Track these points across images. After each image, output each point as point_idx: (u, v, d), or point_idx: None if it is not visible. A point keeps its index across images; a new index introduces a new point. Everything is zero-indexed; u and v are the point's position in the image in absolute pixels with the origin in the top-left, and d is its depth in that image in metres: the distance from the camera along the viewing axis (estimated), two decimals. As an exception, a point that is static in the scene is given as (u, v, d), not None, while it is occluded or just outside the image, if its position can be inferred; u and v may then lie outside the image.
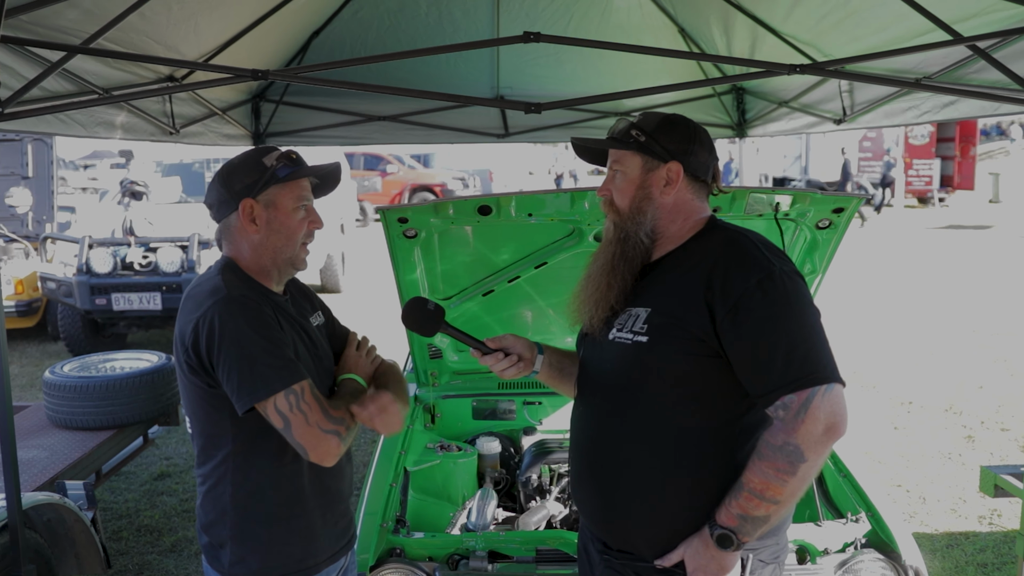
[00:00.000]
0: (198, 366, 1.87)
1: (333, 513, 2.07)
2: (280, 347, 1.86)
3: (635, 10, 4.61)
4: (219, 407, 1.90)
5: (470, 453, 3.28)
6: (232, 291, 1.88)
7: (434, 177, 22.20)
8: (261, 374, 1.81)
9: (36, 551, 3.05)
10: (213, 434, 1.95)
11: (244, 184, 1.96)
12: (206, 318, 1.84)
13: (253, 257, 1.99)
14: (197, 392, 1.91)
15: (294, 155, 2.01)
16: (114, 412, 4.30)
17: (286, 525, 1.98)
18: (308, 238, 2.04)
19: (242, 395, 1.82)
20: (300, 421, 1.83)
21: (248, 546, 1.96)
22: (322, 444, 1.86)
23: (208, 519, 2.00)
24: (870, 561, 2.50)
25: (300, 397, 1.83)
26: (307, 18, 4.47)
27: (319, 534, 2.03)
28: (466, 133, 5.58)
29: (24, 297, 8.71)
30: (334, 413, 1.89)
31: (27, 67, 2.67)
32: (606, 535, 1.95)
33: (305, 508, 2.00)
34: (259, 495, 1.95)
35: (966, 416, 6.39)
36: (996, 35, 2.60)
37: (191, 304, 1.91)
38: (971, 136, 23.10)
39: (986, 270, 12.79)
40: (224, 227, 2.01)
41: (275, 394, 1.81)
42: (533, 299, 3.41)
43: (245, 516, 1.96)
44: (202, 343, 1.84)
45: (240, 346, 1.82)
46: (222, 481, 1.95)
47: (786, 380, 1.69)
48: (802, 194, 2.86)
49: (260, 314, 1.88)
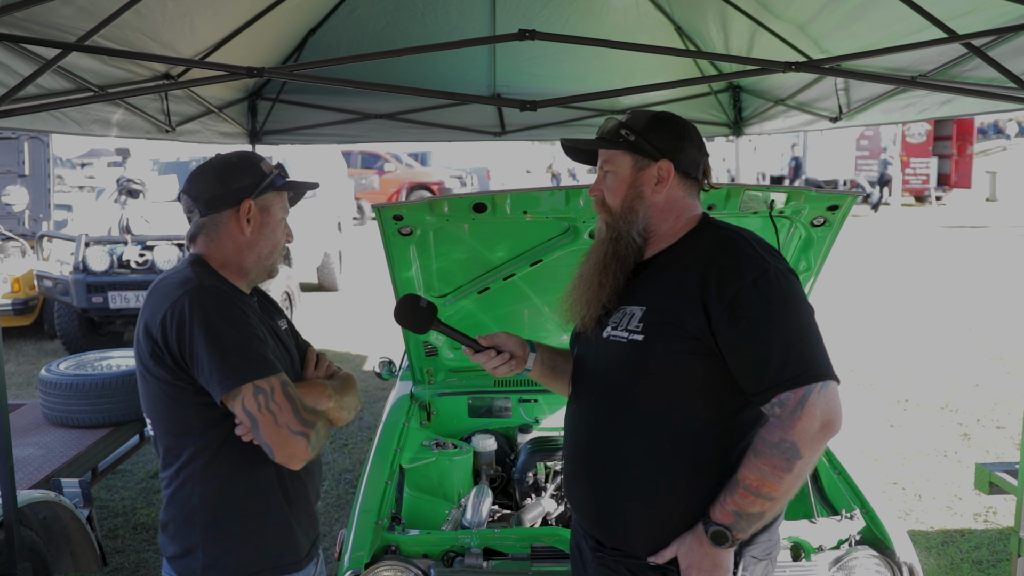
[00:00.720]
0: (167, 359, 1.81)
1: (298, 513, 2.01)
2: (251, 339, 1.82)
3: (632, 9, 4.62)
4: (184, 403, 1.85)
5: (466, 451, 3.28)
6: (202, 281, 1.85)
7: (431, 175, 22.19)
8: (232, 364, 1.77)
9: (32, 549, 3.05)
10: (178, 432, 1.88)
11: (244, 184, 1.94)
12: (175, 308, 1.79)
13: (235, 257, 1.96)
14: (161, 389, 1.85)
15: (284, 168, 2.04)
16: (110, 410, 4.30)
17: (260, 519, 1.92)
18: (283, 249, 2.06)
19: (215, 384, 1.77)
20: (268, 421, 1.78)
21: (221, 545, 1.90)
22: (289, 445, 1.81)
23: (175, 524, 1.93)
24: (864, 558, 2.50)
25: (270, 396, 1.78)
26: (303, 16, 4.47)
27: (294, 529, 1.98)
28: (463, 131, 5.59)
29: (20, 295, 8.70)
30: (305, 416, 1.83)
31: (22, 64, 2.67)
32: (600, 533, 1.95)
33: (277, 502, 1.94)
34: (229, 490, 1.89)
35: (962, 414, 6.41)
36: (991, 32, 2.60)
37: (158, 296, 1.86)
38: (968, 134, 23.16)
39: (983, 268, 12.81)
40: (210, 222, 1.96)
41: (245, 384, 1.76)
42: (528, 297, 3.41)
43: (216, 515, 1.89)
44: (172, 334, 1.79)
45: (213, 335, 1.77)
46: (190, 480, 1.89)
47: (782, 378, 1.69)
48: (797, 191, 2.86)
49: (231, 304, 1.85)
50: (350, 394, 2.09)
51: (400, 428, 3.28)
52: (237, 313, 1.85)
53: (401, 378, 3.86)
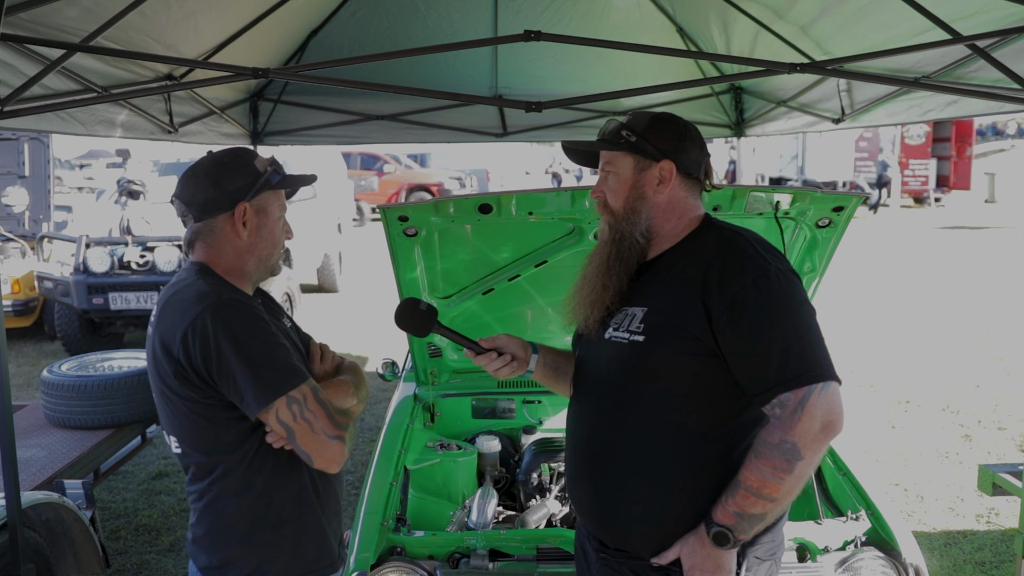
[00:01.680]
0: (193, 378, 1.76)
1: (330, 513, 2.00)
2: (277, 349, 1.79)
3: (633, 10, 4.63)
4: (215, 420, 1.80)
5: (470, 452, 3.28)
6: (221, 295, 1.79)
7: (431, 176, 22.21)
8: (264, 379, 1.73)
9: (35, 550, 3.05)
10: (210, 449, 1.84)
11: (237, 186, 1.85)
12: (196, 326, 1.73)
13: (236, 261, 1.90)
14: (188, 408, 1.80)
15: (278, 163, 1.96)
16: (112, 411, 4.30)
17: (296, 524, 1.91)
18: (283, 247, 2.01)
19: (251, 401, 1.74)
20: (305, 430, 1.76)
21: (260, 555, 1.88)
22: (328, 451, 1.79)
23: (210, 537, 1.90)
24: (870, 559, 2.50)
25: (304, 405, 1.76)
26: (306, 17, 4.47)
27: (327, 533, 1.97)
28: (465, 132, 5.59)
29: (21, 296, 8.69)
30: (339, 419, 1.81)
31: (27, 65, 2.67)
32: (603, 534, 1.95)
33: (311, 505, 1.93)
34: (265, 499, 1.87)
35: (963, 415, 6.41)
36: (995, 34, 2.61)
37: (174, 312, 1.79)
38: (967, 136, 23.21)
39: (982, 270, 12.83)
40: (206, 228, 1.88)
41: (279, 397, 1.73)
42: (533, 298, 3.40)
43: (253, 524, 1.87)
44: (196, 352, 1.73)
45: (241, 352, 1.73)
46: (224, 493, 1.86)
47: (783, 378, 1.69)
48: (802, 192, 2.86)
49: (253, 316, 1.80)
50: (363, 386, 2.08)
51: (404, 429, 3.27)
52: (260, 324, 1.80)
53: (404, 379, 3.86)
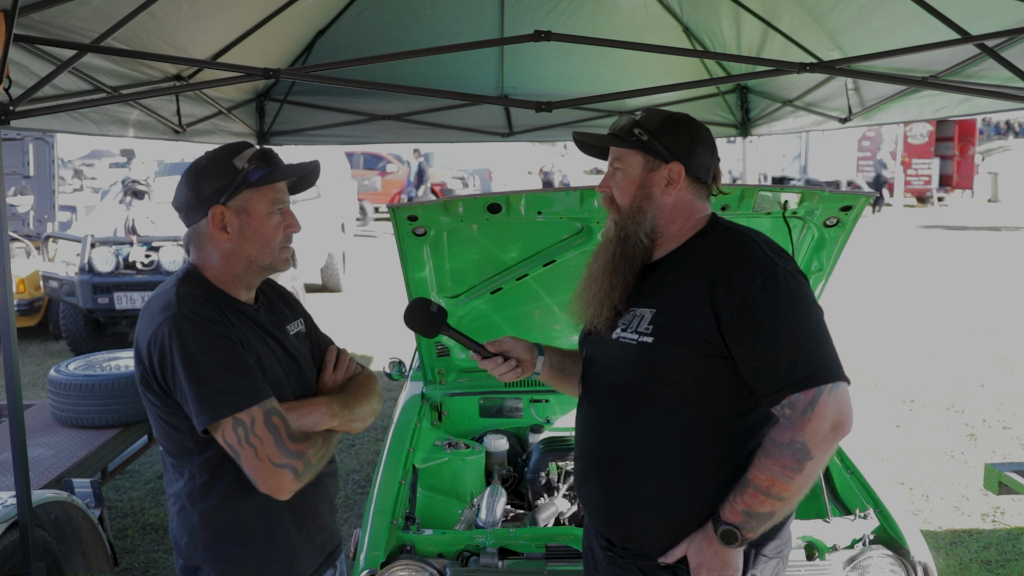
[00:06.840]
0: (154, 385, 1.77)
1: (308, 528, 1.94)
2: (231, 369, 1.72)
3: (640, 10, 4.63)
4: (178, 426, 1.79)
5: (478, 451, 3.29)
6: (183, 307, 1.74)
7: (434, 176, 22.19)
8: (208, 398, 1.69)
9: (45, 549, 3.06)
10: (177, 452, 1.83)
11: (213, 188, 1.80)
12: (157, 337, 1.73)
13: (223, 266, 1.86)
14: (155, 411, 1.81)
15: (270, 153, 1.86)
16: (119, 410, 4.30)
17: (263, 541, 1.86)
18: (286, 242, 1.90)
19: (195, 417, 1.71)
20: (250, 454, 1.70)
21: (223, 566, 1.85)
22: (272, 478, 1.71)
23: (181, 541, 1.88)
24: (879, 557, 2.51)
25: (250, 429, 1.69)
26: (313, 18, 4.48)
27: (298, 550, 1.92)
28: (470, 132, 5.60)
29: (26, 296, 8.71)
30: (291, 446, 1.73)
31: (39, 65, 2.69)
32: (610, 532, 1.96)
33: (280, 521, 1.87)
34: (229, 511, 1.83)
35: (968, 414, 6.41)
36: (1004, 34, 2.62)
37: (147, 318, 1.79)
38: (970, 136, 23.16)
39: (985, 269, 12.81)
40: (193, 233, 1.86)
41: (222, 419, 1.69)
42: (541, 297, 3.41)
43: (217, 535, 1.84)
44: (155, 363, 1.74)
45: (190, 367, 1.70)
46: (190, 499, 1.84)
47: (792, 379, 1.70)
48: (810, 192, 2.86)
49: (211, 333, 1.74)
50: (364, 403, 1.99)
51: (412, 428, 3.28)
52: (218, 341, 1.74)
53: (412, 378, 3.86)
